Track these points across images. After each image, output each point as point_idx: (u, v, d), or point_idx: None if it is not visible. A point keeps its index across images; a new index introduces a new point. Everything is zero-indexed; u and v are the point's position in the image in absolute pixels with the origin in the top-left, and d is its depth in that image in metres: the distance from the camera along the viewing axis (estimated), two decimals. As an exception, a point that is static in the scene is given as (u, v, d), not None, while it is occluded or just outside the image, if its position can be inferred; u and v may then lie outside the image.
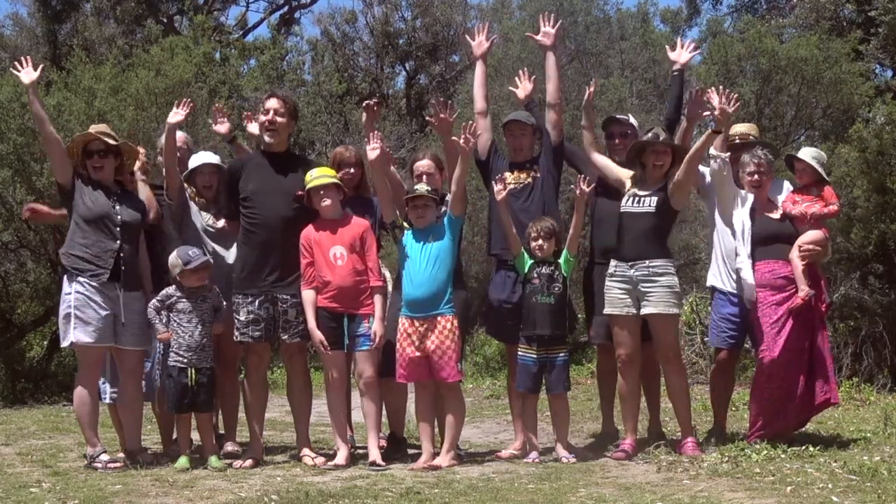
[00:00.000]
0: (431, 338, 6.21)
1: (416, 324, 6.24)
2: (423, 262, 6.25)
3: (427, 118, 6.20)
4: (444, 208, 6.51)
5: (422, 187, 6.38)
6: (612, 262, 6.54)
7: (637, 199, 6.56)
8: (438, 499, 5.23)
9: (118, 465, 6.22)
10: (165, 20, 21.99)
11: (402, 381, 6.42)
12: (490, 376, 12.76)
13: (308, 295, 6.35)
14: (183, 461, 6.21)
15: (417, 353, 6.24)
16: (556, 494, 5.28)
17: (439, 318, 6.22)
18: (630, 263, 6.46)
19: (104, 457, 6.25)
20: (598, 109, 14.17)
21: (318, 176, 6.41)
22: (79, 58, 13.81)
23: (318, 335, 6.29)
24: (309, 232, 6.41)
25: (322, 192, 6.38)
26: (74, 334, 6.20)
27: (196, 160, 6.81)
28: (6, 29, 22.18)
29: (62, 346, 6.46)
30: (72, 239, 6.36)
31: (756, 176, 6.69)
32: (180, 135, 7.15)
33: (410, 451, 6.83)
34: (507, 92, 14.68)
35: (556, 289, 6.42)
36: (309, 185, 6.39)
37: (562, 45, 14.94)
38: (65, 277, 6.34)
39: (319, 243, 6.36)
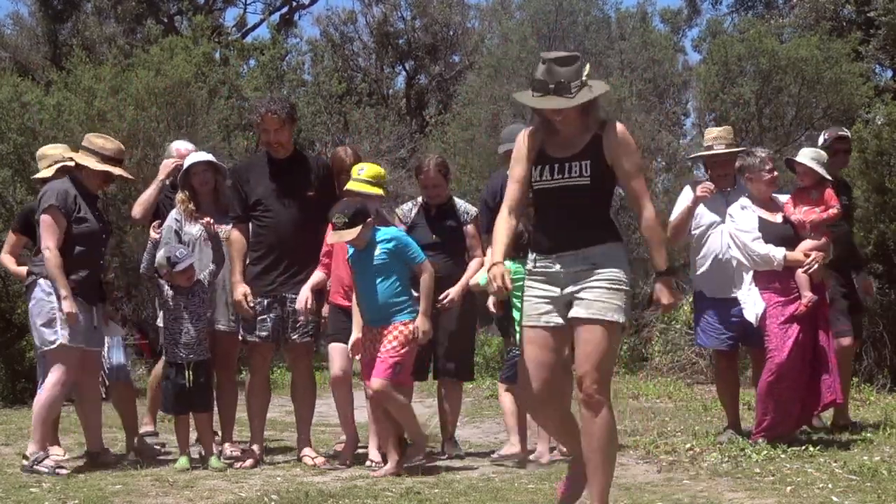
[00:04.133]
0: (382, 341, 6.05)
1: (374, 330, 6.11)
2: (366, 280, 6.09)
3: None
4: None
5: (339, 219, 5.98)
6: (531, 256, 4.61)
7: (557, 166, 4.50)
8: (438, 499, 5.23)
9: (65, 471, 6.11)
10: (165, 20, 22.01)
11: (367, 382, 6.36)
12: (490, 376, 12.75)
13: (316, 275, 6.36)
14: (183, 461, 6.21)
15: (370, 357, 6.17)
16: (556, 494, 5.27)
17: (389, 327, 6.03)
18: (556, 255, 4.50)
19: (49, 462, 6.14)
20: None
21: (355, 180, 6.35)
22: (79, 58, 13.82)
23: (305, 295, 6.29)
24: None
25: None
26: (63, 335, 6.11)
27: (187, 161, 6.71)
28: (6, 28, 22.23)
29: (45, 349, 6.24)
30: (71, 263, 6.20)
31: (776, 172, 6.73)
32: (183, 147, 7.19)
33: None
34: (507, 92, 14.75)
35: None
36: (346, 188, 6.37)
37: (562, 46, 14.96)
38: (42, 281, 6.21)
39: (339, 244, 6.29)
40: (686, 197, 6.97)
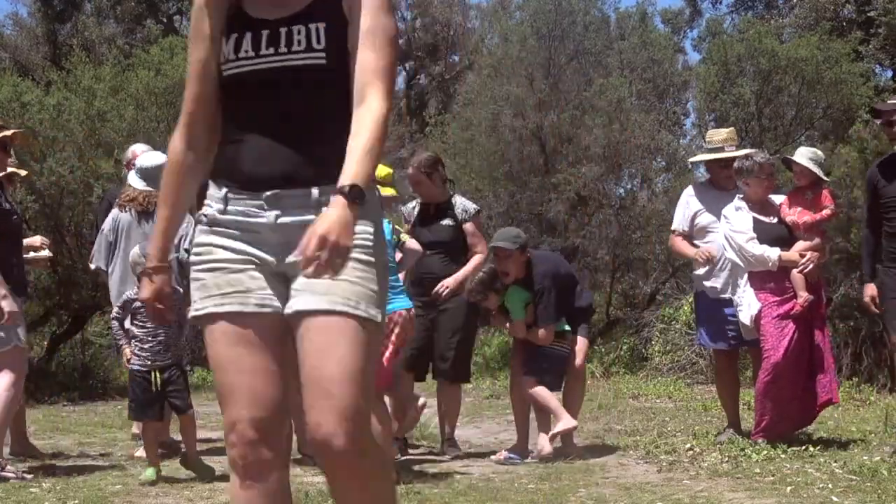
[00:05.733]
0: None
1: None
2: None
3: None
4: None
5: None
6: (217, 192, 2.66)
7: (267, 34, 2.59)
8: (438, 499, 5.23)
9: (30, 476, 5.94)
10: (165, 20, 22.02)
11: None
12: (490, 376, 12.77)
13: None
14: (149, 473, 5.80)
15: None
16: (556, 494, 5.28)
17: None
18: (268, 194, 2.59)
19: (11, 468, 5.98)
20: (597, 110, 14.24)
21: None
22: (79, 58, 13.83)
23: None
24: None
25: None
26: (22, 336, 5.91)
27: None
28: (6, 29, 22.24)
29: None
30: (4, 260, 5.88)
31: (773, 177, 6.74)
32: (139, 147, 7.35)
33: (411, 452, 6.84)
34: (507, 92, 14.74)
35: None
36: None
37: (561, 45, 14.97)
38: None
39: None
40: (688, 208, 7.01)
